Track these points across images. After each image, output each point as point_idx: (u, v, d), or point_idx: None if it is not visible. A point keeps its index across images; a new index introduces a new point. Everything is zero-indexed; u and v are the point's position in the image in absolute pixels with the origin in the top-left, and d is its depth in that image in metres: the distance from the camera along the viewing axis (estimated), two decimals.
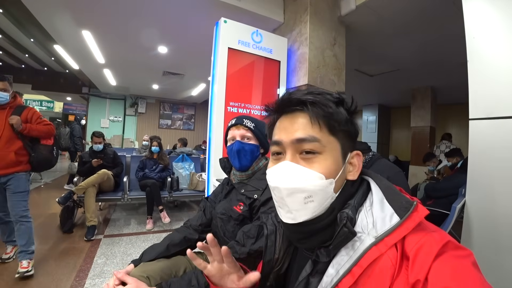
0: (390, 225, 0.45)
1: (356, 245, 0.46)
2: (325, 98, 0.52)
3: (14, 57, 6.70)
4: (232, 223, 1.07)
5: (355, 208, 0.50)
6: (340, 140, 0.52)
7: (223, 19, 2.10)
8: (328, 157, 0.50)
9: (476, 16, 1.58)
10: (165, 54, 4.20)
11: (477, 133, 1.54)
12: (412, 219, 0.45)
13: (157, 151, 3.67)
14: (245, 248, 0.89)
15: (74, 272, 2.08)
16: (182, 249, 1.11)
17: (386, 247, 0.44)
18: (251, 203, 1.05)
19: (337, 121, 0.52)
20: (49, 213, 3.53)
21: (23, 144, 2.01)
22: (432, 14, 2.55)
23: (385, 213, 0.47)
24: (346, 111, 0.54)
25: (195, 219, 1.22)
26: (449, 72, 4.18)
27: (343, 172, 0.53)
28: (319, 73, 2.43)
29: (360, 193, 0.53)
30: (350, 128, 0.54)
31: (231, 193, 1.19)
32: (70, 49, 4.37)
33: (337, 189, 0.51)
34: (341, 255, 0.47)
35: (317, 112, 0.51)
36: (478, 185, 1.53)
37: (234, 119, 1.18)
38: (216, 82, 2.05)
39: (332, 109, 0.51)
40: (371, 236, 0.46)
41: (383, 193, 0.51)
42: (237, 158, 1.11)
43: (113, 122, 8.46)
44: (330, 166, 0.50)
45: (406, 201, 0.48)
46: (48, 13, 3.01)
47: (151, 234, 3.00)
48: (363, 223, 0.48)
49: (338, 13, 2.63)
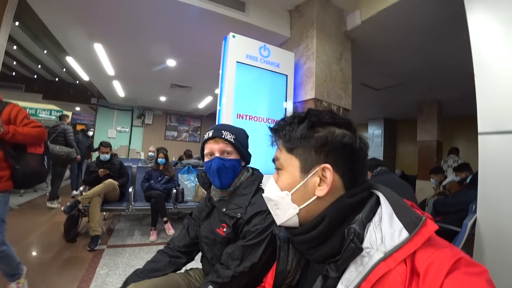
0: (399, 241, 0.45)
1: (365, 260, 0.46)
2: (283, 123, 0.60)
3: (27, 67, 6.89)
4: (218, 247, 1.01)
5: (362, 223, 0.50)
6: (300, 157, 0.56)
7: (231, 34, 2.15)
8: (285, 173, 0.59)
9: (482, 30, 1.59)
10: (173, 67, 4.30)
11: (487, 147, 1.52)
12: (421, 234, 0.45)
13: (163, 162, 3.69)
14: (229, 271, 0.86)
15: (76, 282, 2.06)
16: (169, 272, 1.06)
17: (395, 263, 0.43)
18: (234, 223, 0.98)
19: (291, 141, 0.57)
20: (53, 221, 3.54)
21: (3, 153, 1.51)
22: (437, 28, 2.58)
23: (394, 229, 0.47)
24: (311, 125, 0.56)
25: (178, 239, 1.15)
26: (455, 85, 4.18)
27: (305, 186, 0.55)
28: (325, 87, 2.45)
29: (368, 207, 0.53)
30: (309, 143, 0.55)
31: (212, 212, 1.10)
32: (82, 61, 4.50)
33: (297, 201, 0.56)
34: (350, 271, 0.47)
35: (276, 137, 0.62)
36: (489, 201, 1.49)
37: (211, 130, 1.04)
38: (224, 95, 2.08)
39: (286, 131, 0.59)
40: (380, 252, 0.45)
41: (393, 208, 0.51)
42: (217, 177, 0.99)
43: (120, 132, 8.56)
44: (285, 180, 0.58)
45: (415, 216, 0.48)
46: (62, 26, 3.12)
47: (155, 245, 2.97)
48: (372, 239, 0.48)
49: (344, 28, 2.68)
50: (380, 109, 6.82)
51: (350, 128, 0.56)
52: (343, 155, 0.54)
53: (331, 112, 0.59)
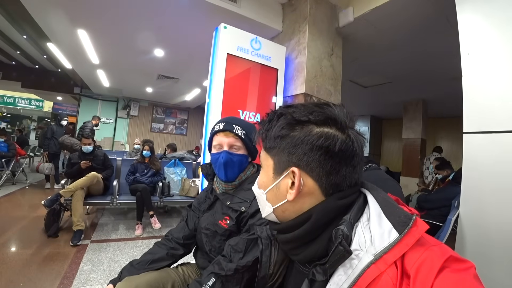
0: (389, 241, 0.43)
1: (354, 263, 0.44)
2: (264, 120, 0.57)
3: (5, 53, 6.53)
4: (218, 239, 0.99)
5: (350, 224, 0.48)
6: (274, 157, 0.54)
7: (223, 25, 2.10)
8: (262, 171, 0.58)
9: (471, 32, 1.61)
10: (161, 57, 4.18)
11: (471, 146, 1.56)
12: (411, 234, 0.43)
13: (148, 155, 3.60)
14: (232, 264, 0.83)
15: (58, 279, 1.98)
16: (166, 264, 1.05)
17: (385, 265, 0.42)
18: (238, 216, 0.97)
19: (267, 140, 0.55)
20: (33, 215, 3.40)
21: None
22: (427, 29, 2.62)
23: (383, 229, 0.45)
24: (287, 124, 0.52)
25: (177, 231, 1.13)
26: (441, 86, 4.29)
27: (277, 187, 0.54)
28: (316, 82, 2.45)
29: (356, 207, 0.50)
30: (283, 143, 0.52)
31: (215, 204, 1.08)
32: (64, 48, 4.30)
33: (271, 201, 0.55)
34: (339, 274, 0.45)
35: (258, 133, 0.59)
36: (471, 198, 1.54)
37: (222, 122, 1.02)
38: (214, 87, 2.04)
39: (264, 129, 0.56)
40: (369, 254, 0.43)
41: (381, 207, 0.49)
42: (223, 170, 0.99)
43: (104, 124, 8.29)
44: (261, 179, 0.58)
45: (404, 215, 0.46)
46: (43, 9, 2.94)
47: (140, 240, 2.92)
48: (361, 240, 0.46)
49: (336, 24, 2.67)
50: (367, 107, 6.94)
51: (336, 124, 0.51)
52: (317, 158, 0.49)
53: (316, 106, 0.53)
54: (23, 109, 13.07)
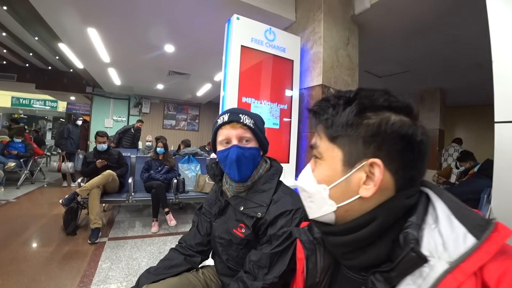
0: (465, 248, 0.37)
1: (425, 271, 0.38)
2: (325, 104, 0.50)
3: (18, 55, 6.65)
4: (234, 248, 0.91)
5: (418, 226, 0.42)
6: (343, 147, 0.47)
7: (235, 16, 2.03)
8: (324, 164, 0.50)
9: (502, 15, 1.49)
10: (171, 53, 4.14)
11: (503, 136, 1.46)
12: (492, 241, 0.37)
13: (162, 152, 3.60)
14: (258, 283, 0.76)
15: (78, 277, 2.00)
16: (185, 269, 0.99)
17: (464, 276, 0.36)
18: (254, 223, 0.86)
19: (334, 127, 0.48)
20: (52, 213, 3.47)
21: None
22: (449, 15, 2.47)
23: (456, 233, 0.39)
24: (360, 110, 0.45)
25: (189, 238, 1.05)
26: (462, 74, 4.10)
27: (347, 182, 0.46)
28: (333, 73, 2.35)
29: (421, 207, 0.44)
30: (356, 131, 0.45)
31: (227, 209, 0.97)
32: (75, 48, 4.32)
33: (336, 198, 0.48)
34: (407, 284, 0.39)
35: (316, 121, 0.52)
36: (505, 191, 1.44)
37: (226, 114, 0.89)
38: (229, 80, 1.98)
39: (328, 115, 0.49)
40: (443, 261, 0.38)
41: (449, 208, 0.43)
42: (236, 168, 0.86)
43: (117, 122, 8.41)
44: (324, 173, 0.50)
45: (480, 219, 0.40)
46: (53, 10, 2.94)
47: (157, 237, 2.92)
48: (431, 245, 0.40)
49: (352, 12, 2.55)
50: None
51: (410, 114, 0.46)
52: (398, 148, 0.44)
53: (386, 93, 0.48)
54: (39, 110, 13.39)
